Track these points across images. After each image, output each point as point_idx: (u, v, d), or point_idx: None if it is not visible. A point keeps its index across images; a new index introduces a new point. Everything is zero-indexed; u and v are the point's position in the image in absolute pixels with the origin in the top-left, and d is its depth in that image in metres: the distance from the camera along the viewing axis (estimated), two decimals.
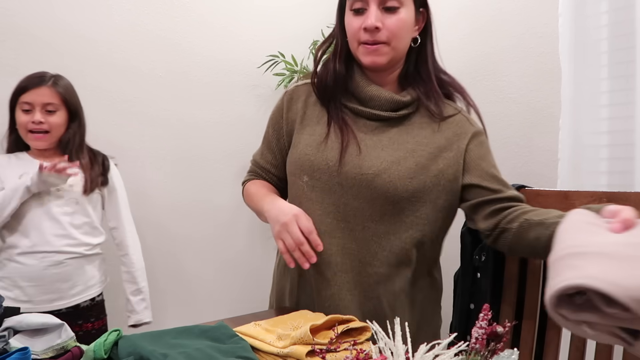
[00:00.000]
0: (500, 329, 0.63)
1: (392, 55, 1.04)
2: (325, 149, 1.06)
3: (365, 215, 1.05)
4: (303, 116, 1.12)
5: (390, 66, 1.07)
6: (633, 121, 1.42)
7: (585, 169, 1.54)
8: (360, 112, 1.08)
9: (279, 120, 1.16)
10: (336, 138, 1.06)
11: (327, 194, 1.06)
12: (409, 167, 1.03)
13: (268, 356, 0.82)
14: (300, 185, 1.09)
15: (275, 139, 1.17)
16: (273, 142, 1.18)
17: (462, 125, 1.10)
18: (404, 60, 1.09)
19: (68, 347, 0.77)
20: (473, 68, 1.99)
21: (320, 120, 1.10)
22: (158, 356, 0.73)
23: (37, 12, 1.79)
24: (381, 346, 0.63)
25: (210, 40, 2.09)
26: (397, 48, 1.04)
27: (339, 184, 1.05)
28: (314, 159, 1.06)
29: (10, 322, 0.77)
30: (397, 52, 1.04)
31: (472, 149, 1.08)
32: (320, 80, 1.11)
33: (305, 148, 1.08)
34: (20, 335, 0.77)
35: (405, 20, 1.02)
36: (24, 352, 0.68)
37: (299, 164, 1.09)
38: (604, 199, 1.14)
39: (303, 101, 1.14)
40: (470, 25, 2.00)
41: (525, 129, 1.81)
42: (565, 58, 1.55)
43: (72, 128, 1.59)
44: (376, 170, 1.03)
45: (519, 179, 1.74)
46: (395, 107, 1.07)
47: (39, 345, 0.75)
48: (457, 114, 1.12)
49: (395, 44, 1.03)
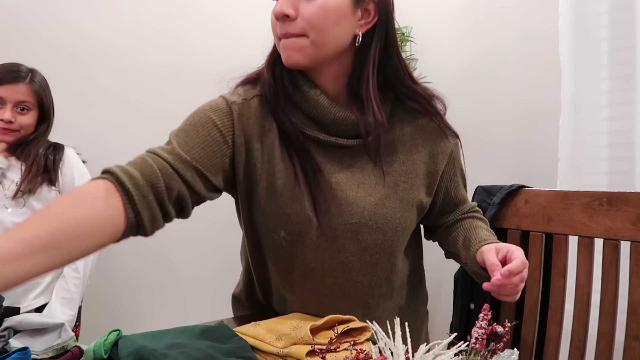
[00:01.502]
0: (500, 329, 0.63)
1: (313, 54, 0.81)
2: (299, 198, 0.86)
3: (354, 270, 0.92)
4: (262, 150, 0.86)
5: (318, 67, 0.85)
6: (633, 121, 1.42)
7: (585, 169, 1.54)
8: (323, 142, 0.87)
9: (227, 129, 0.85)
10: (304, 179, 0.85)
11: (310, 248, 0.89)
12: (393, 207, 0.90)
13: (268, 356, 0.82)
14: (277, 239, 0.89)
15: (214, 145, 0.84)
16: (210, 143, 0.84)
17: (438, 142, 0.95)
18: (350, 66, 0.86)
19: (68, 347, 0.77)
20: (473, 68, 1.99)
21: (283, 158, 0.87)
22: (158, 356, 0.73)
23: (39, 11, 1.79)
24: (381, 346, 0.63)
25: (210, 40, 2.08)
26: (319, 44, 0.80)
27: (322, 234, 0.88)
28: (290, 211, 0.86)
29: (10, 322, 0.77)
30: (320, 49, 0.81)
31: (446, 172, 0.97)
32: (266, 100, 0.87)
33: (277, 200, 0.87)
34: (20, 335, 0.77)
35: (329, 7, 0.79)
36: (24, 352, 0.68)
37: (273, 217, 0.88)
38: (604, 199, 1.14)
39: (258, 125, 0.87)
40: (470, 24, 2.00)
41: (525, 129, 1.81)
42: (565, 58, 1.55)
43: (39, 131, 1.53)
44: (360, 219, 0.88)
45: (519, 179, 1.74)
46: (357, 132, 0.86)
47: (39, 345, 0.75)
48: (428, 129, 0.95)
49: (314, 37, 0.79)
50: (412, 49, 2.24)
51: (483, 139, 1.95)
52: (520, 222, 1.31)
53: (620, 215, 1.10)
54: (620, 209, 1.11)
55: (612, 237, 1.11)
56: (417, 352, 0.61)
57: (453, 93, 2.09)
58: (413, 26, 2.22)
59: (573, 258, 1.19)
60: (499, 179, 1.92)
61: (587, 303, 1.14)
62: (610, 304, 1.09)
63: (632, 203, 1.09)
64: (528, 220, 1.29)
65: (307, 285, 0.93)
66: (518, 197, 1.34)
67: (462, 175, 1.03)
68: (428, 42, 2.18)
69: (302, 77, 0.87)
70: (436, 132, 0.95)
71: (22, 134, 1.51)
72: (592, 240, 1.15)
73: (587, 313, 1.14)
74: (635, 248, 1.06)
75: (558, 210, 1.22)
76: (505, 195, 1.36)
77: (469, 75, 2.01)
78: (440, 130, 0.96)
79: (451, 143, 0.97)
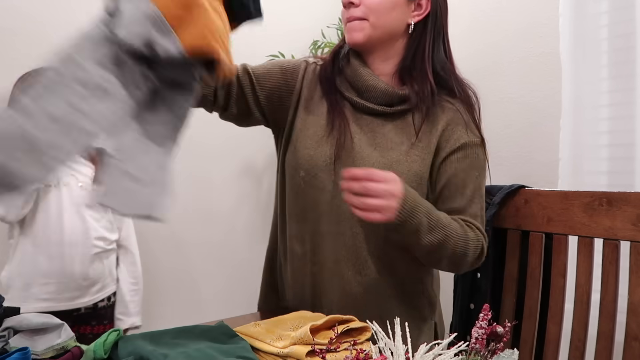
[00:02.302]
0: (500, 329, 0.63)
1: (371, 33, 0.98)
2: (324, 144, 1.02)
3: (354, 219, 0.99)
4: (309, 100, 1.06)
5: (373, 47, 1.01)
6: (633, 121, 1.42)
7: (586, 169, 1.54)
8: (356, 104, 1.03)
9: (292, 74, 1.08)
10: (333, 133, 1.01)
11: (322, 192, 1.02)
12: (401, 172, 0.97)
13: (268, 356, 0.82)
14: (297, 180, 1.04)
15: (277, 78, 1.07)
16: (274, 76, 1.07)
17: (456, 131, 1.04)
18: (402, 50, 1.03)
19: (68, 347, 0.77)
20: (473, 68, 1.98)
21: (321, 112, 1.05)
22: (158, 356, 0.73)
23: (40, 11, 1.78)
24: (381, 346, 0.63)
25: None
26: (377, 26, 0.97)
27: (334, 183, 1.01)
28: (313, 153, 1.02)
29: (10, 322, 0.77)
30: (377, 30, 0.98)
31: (452, 161, 1.03)
32: (323, 69, 1.08)
33: (306, 141, 1.03)
34: (20, 335, 0.77)
35: None
36: (24, 352, 0.68)
37: (298, 158, 1.04)
38: (603, 199, 1.14)
39: (313, 82, 1.08)
40: (469, 24, 2.00)
41: (525, 129, 1.81)
42: (565, 58, 1.55)
43: None
44: (363, 165, 0.99)
45: (519, 179, 1.74)
46: (389, 101, 1.02)
47: (39, 345, 0.75)
48: (454, 117, 1.05)
49: (373, 20, 0.97)
50: None
51: None
52: (520, 222, 1.31)
53: (620, 215, 1.10)
54: (620, 209, 1.11)
55: (612, 237, 1.11)
56: (417, 352, 0.62)
57: None
58: None
59: (573, 258, 1.19)
60: (499, 179, 1.93)
61: (587, 303, 1.14)
62: (610, 304, 1.09)
63: (632, 203, 1.09)
64: (528, 220, 1.29)
65: (316, 230, 1.03)
66: (518, 197, 1.35)
67: (475, 185, 1.04)
68: None
69: (356, 57, 1.04)
70: (459, 123, 1.05)
71: None
72: (592, 240, 1.15)
73: (587, 313, 1.14)
74: (635, 248, 1.07)
75: (558, 210, 1.22)
76: (505, 195, 1.36)
77: (468, 75, 1.99)
78: (464, 125, 1.05)
79: (467, 137, 1.05)
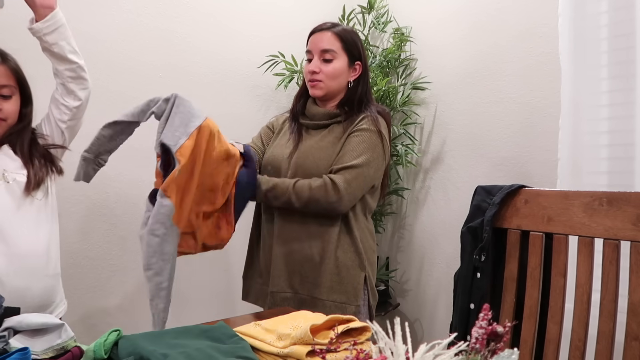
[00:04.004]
0: (500, 329, 0.63)
1: (327, 90, 1.48)
2: (284, 148, 1.52)
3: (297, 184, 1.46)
4: (279, 133, 1.62)
5: (329, 97, 1.51)
6: (633, 121, 1.42)
7: (585, 169, 1.54)
8: (307, 124, 1.54)
9: (267, 130, 1.67)
10: (292, 142, 1.52)
11: (282, 177, 1.48)
12: (328, 154, 1.45)
13: (268, 356, 0.82)
14: (268, 172, 1.52)
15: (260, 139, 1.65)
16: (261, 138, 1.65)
17: (358, 122, 1.46)
18: (343, 93, 1.51)
19: (68, 347, 0.77)
20: (473, 68, 1.99)
21: (287, 133, 1.57)
22: (158, 356, 0.73)
23: None
24: (381, 346, 0.63)
25: (210, 40, 2.08)
26: (330, 85, 1.48)
27: (289, 169, 1.48)
28: (277, 153, 1.53)
29: (10, 322, 0.77)
30: (331, 88, 1.48)
31: (349, 139, 1.45)
32: (291, 111, 1.60)
33: (274, 149, 1.56)
34: (20, 335, 0.77)
35: (337, 68, 1.46)
36: (24, 352, 0.68)
37: (269, 157, 1.55)
38: (603, 199, 1.14)
39: (281, 123, 1.64)
40: (470, 25, 2.00)
41: (525, 129, 1.81)
42: (565, 58, 1.55)
43: (27, 116, 1.27)
44: (305, 155, 1.46)
45: (519, 179, 1.74)
46: (326, 118, 1.51)
47: (39, 345, 0.75)
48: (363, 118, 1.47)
49: (328, 82, 1.47)
50: (411, 49, 2.24)
51: (483, 139, 1.96)
52: (520, 222, 1.31)
53: (620, 215, 1.10)
54: (620, 209, 1.11)
55: (612, 237, 1.11)
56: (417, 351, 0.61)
57: (452, 93, 2.11)
58: (413, 26, 2.22)
59: (573, 258, 1.19)
60: (499, 179, 1.93)
61: (587, 303, 1.14)
62: (610, 303, 1.09)
63: (632, 203, 1.09)
64: (528, 220, 1.29)
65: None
66: (518, 197, 1.34)
67: (349, 150, 1.44)
68: (428, 42, 2.18)
69: (312, 100, 1.56)
70: (362, 121, 1.49)
71: (7, 126, 1.23)
72: (592, 240, 1.15)
73: (587, 313, 1.14)
74: (635, 248, 1.07)
75: (558, 210, 1.22)
76: (505, 195, 1.36)
77: (468, 75, 2.01)
78: (365, 119, 1.48)
79: (362, 124, 1.45)
